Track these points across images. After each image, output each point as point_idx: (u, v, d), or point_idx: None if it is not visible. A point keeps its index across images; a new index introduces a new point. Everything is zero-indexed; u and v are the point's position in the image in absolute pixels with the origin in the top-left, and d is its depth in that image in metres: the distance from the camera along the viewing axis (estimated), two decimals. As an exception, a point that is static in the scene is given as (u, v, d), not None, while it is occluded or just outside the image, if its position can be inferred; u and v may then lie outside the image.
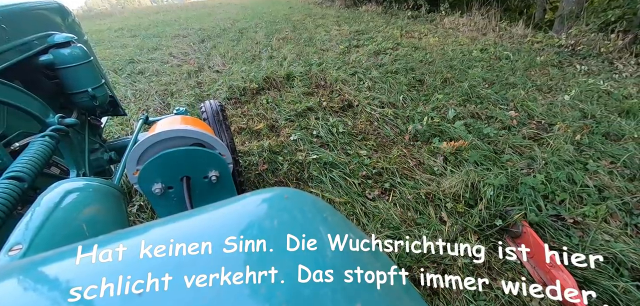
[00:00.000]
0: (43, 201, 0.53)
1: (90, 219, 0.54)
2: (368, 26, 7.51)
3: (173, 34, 8.33)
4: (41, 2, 1.51)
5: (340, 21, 8.46)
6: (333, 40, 6.35)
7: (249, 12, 11.86)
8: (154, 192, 0.88)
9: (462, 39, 5.92)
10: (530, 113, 3.02)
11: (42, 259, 0.30)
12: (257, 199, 0.33)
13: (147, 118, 1.70)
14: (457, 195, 2.05)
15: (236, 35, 7.65)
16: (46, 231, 0.47)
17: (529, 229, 1.78)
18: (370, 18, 8.66)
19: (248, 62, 5.28)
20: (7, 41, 1.19)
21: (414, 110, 3.17)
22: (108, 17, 13.12)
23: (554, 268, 1.53)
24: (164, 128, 0.97)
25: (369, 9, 10.12)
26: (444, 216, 1.93)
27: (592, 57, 4.47)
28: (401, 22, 7.89)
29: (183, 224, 0.31)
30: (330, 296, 0.23)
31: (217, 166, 0.94)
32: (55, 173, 1.18)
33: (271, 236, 0.28)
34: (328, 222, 0.32)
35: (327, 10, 11.19)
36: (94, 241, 0.30)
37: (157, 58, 5.93)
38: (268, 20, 9.48)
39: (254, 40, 6.88)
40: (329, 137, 2.76)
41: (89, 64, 1.45)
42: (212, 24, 9.51)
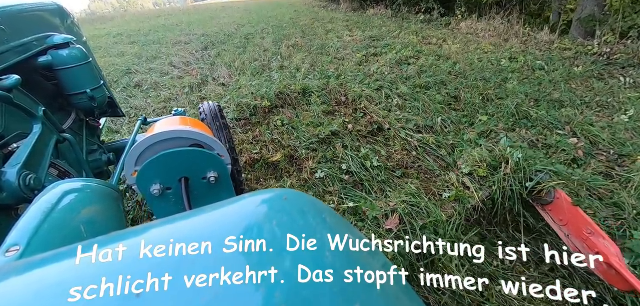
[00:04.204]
0: (41, 202, 0.57)
1: (89, 220, 0.59)
2: (381, 32, 7.74)
3: (174, 40, 8.59)
4: (41, 3, 1.66)
5: (350, 26, 8.86)
6: (348, 48, 6.47)
7: (253, 17, 12.39)
8: (152, 193, 0.95)
9: (484, 45, 6.07)
10: (592, 139, 2.91)
11: (39, 260, 0.32)
12: (256, 200, 0.36)
13: (146, 119, 1.85)
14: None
15: (242, 41, 7.85)
16: (44, 232, 0.51)
17: (563, 195, 1.83)
18: (381, 23, 9.01)
19: (257, 74, 5.33)
20: (6, 42, 1.30)
21: (458, 137, 3.05)
22: (109, 21, 14.05)
23: (593, 236, 1.61)
24: (162, 129, 1.07)
25: (378, 12, 10.83)
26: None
27: (632, 67, 4.49)
28: (415, 26, 8.18)
29: (182, 225, 0.34)
30: (330, 296, 0.25)
31: (215, 167, 1.01)
32: (54, 174, 1.24)
33: (271, 237, 0.30)
34: (327, 222, 0.35)
35: (334, 13, 11.73)
36: (93, 242, 0.32)
37: (156, 68, 6.05)
38: (274, 25, 9.86)
39: (261, 47, 7.04)
40: (362, 172, 2.58)
41: (88, 65, 1.59)
42: (215, 29, 9.83)
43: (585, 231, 1.64)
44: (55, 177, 1.25)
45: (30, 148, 1.08)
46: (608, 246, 1.52)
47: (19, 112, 1.14)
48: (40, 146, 1.16)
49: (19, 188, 0.97)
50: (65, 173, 1.32)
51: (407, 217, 1.97)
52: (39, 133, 1.17)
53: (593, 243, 1.59)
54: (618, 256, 1.47)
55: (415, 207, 2.04)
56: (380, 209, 2.06)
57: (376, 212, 2.04)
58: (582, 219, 1.69)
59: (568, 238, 1.77)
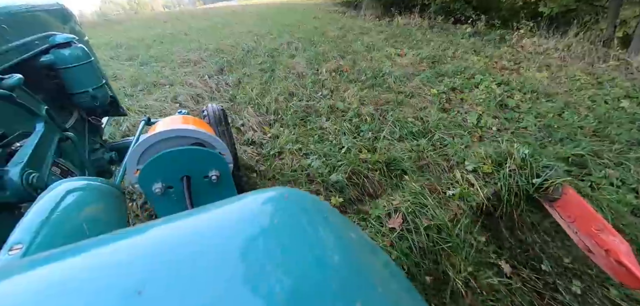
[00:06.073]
0: (43, 200, 0.58)
1: (91, 219, 0.59)
2: (434, 51, 6.41)
3: (181, 56, 6.92)
4: (43, 3, 1.68)
5: (390, 40, 7.69)
6: (410, 77, 4.97)
7: (270, 23, 10.95)
8: (154, 192, 0.96)
9: (573, 71, 4.92)
10: None
11: (42, 258, 0.32)
12: (257, 199, 0.36)
13: (149, 119, 1.85)
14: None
15: (266, 61, 6.27)
16: (47, 230, 0.52)
17: (572, 191, 1.83)
18: (422, 36, 7.88)
19: (300, 121, 3.74)
20: (9, 41, 1.32)
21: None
22: (115, 25, 12.87)
23: (602, 232, 1.59)
24: (164, 128, 1.08)
25: (410, 22, 9.56)
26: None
27: None
28: (466, 42, 7.16)
29: (183, 223, 0.34)
30: (331, 295, 0.25)
31: (217, 165, 1.02)
32: (56, 173, 1.28)
33: (271, 236, 0.30)
34: (329, 221, 0.35)
35: (359, 21, 10.56)
36: (95, 240, 0.33)
37: (154, 106, 4.32)
38: (300, 36, 8.34)
39: (293, 71, 5.55)
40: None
41: (90, 64, 1.61)
42: (230, 41, 8.20)
43: (594, 228, 1.63)
44: (57, 176, 1.27)
45: (32, 147, 1.10)
46: (618, 243, 1.51)
47: (21, 111, 1.15)
48: (43, 145, 1.18)
49: (22, 187, 0.99)
50: (68, 172, 1.33)
51: (410, 216, 1.95)
52: (42, 132, 1.18)
53: (602, 240, 1.58)
54: (628, 253, 1.46)
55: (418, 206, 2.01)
56: (384, 208, 2.05)
57: (379, 211, 2.03)
58: (591, 215, 1.67)
59: (577, 235, 1.76)
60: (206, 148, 1.05)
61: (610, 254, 1.52)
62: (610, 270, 1.56)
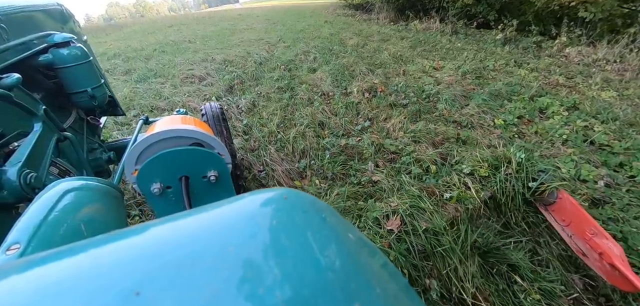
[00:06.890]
0: (41, 200, 0.58)
1: (89, 219, 0.59)
2: (470, 61, 5.68)
3: (184, 69, 6.09)
4: (42, 3, 1.68)
5: (416, 47, 6.90)
6: (460, 99, 4.11)
7: (280, 28, 10.31)
8: (152, 192, 0.96)
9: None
10: None
11: (40, 258, 0.32)
12: (256, 199, 0.36)
13: (147, 119, 1.86)
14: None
15: (283, 75, 5.46)
16: (44, 230, 0.51)
17: (566, 196, 1.86)
18: (449, 43, 7.05)
19: (340, 171, 2.75)
20: (7, 41, 1.32)
21: None
22: (117, 31, 12.07)
23: (596, 236, 1.62)
24: (162, 128, 1.08)
25: (430, 27, 8.74)
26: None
27: None
28: (500, 51, 6.37)
29: (182, 223, 0.34)
30: (329, 296, 0.25)
31: (216, 166, 1.02)
32: (54, 172, 1.28)
33: (270, 236, 0.30)
34: (327, 221, 0.34)
35: (376, 26, 9.69)
36: (92, 240, 0.32)
37: None
38: (316, 45, 7.46)
39: (317, 90, 4.68)
40: None
41: (88, 63, 1.61)
42: (239, 50, 7.28)
43: (588, 232, 1.65)
44: (55, 176, 1.27)
45: (30, 146, 1.10)
46: (611, 247, 1.53)
47: (19, 111, 1.15)
48: (41, 144, 1.18)
49: (20, 187, 0.99)
50: (66, 172, 1.33)
51: (408, 218, 1.95)
52: (40, 132, 1.19)
53: (596, 244, 1.60)
54: (621, 256, 1.48)
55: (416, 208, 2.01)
56: (381, 210, 2.05)
57: (377, 213, 2.03)
58: (585, 220, 1.70)
59: (571, 239, 1.78)
60: (205, 149, 1.05)
61: (604, 257, 1.54)
62: (603, 273, 1.59)
